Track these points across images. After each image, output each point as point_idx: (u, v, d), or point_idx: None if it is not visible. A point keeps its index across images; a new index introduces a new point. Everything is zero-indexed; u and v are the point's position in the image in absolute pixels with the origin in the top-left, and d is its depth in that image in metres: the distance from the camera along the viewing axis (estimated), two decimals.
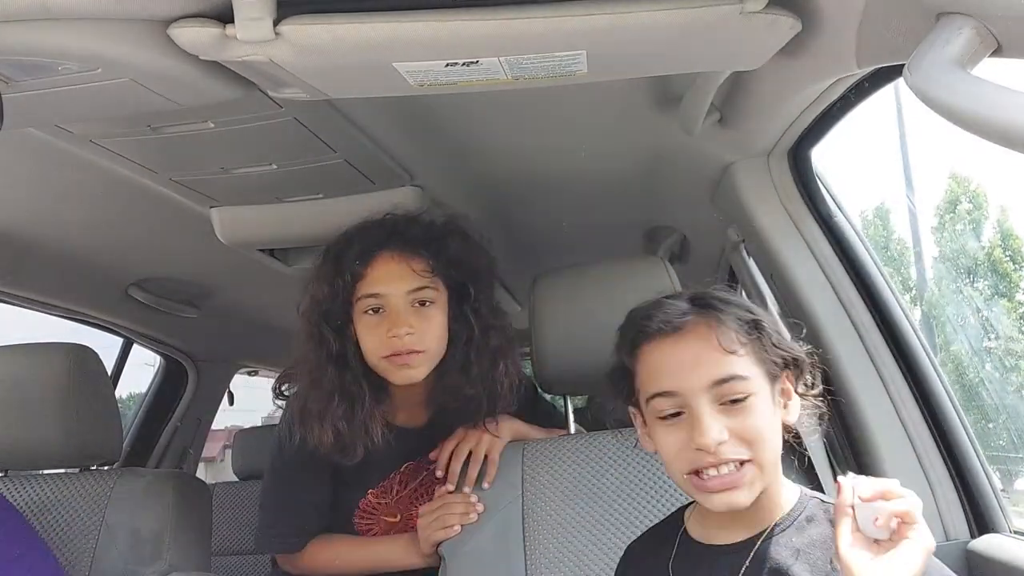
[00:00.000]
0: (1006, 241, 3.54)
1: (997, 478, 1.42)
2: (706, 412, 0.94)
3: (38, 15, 0.83)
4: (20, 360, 1.58)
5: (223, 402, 3.40)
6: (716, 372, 0.95)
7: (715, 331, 0.97)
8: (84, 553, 1.48)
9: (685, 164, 1.70)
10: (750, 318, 0.99)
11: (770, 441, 0.95)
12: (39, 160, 1.42)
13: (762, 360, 0.98)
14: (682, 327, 0.98)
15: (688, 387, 0.95)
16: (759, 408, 0.95)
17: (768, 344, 0.98)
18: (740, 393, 0.95)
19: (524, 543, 1.38)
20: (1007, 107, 0.60)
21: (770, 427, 0.96)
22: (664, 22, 0.89)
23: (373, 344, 1.37)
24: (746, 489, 0.94)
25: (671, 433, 0.97)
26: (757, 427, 0.94)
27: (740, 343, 0.97)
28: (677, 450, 0.96)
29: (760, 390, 0.96)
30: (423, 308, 1.38)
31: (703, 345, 0.97)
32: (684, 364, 0.97)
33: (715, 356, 0.96)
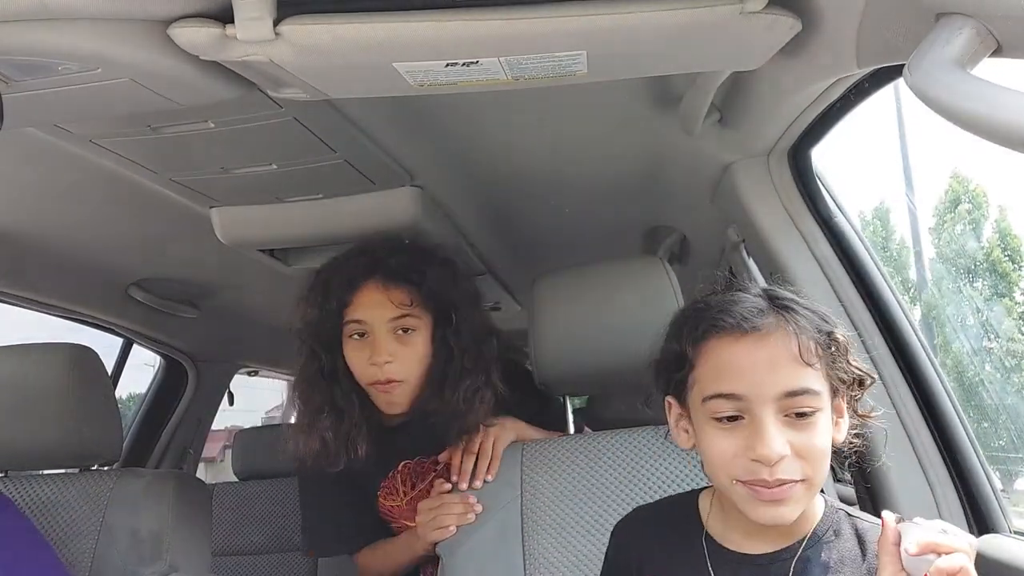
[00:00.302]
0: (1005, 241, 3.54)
1: (997, 478, 1.42)
2: (771, 422, 0.89)
3: (38, 15, 0.83)
4: (20, 360, 1.58)
5: (223, 402, 3.40)
6: (791, 383, 0.90)
7: (796, 339, 0.91)
8: (84, 553, 1.48)
9: (685, 164, 1.70)
10: (827, 329, 0.94)
11: (826, 460, 0.91)
12: (39, 160, 1.42)
13: (829, 375, 0.93)
14: (761, 328, 0.92)
15: (757, 393, 0.90)
16: (822, 425, 0.91)
17: (840, 360, 0.93)
18: (809, 408, 0.90)
19: (523, 543, 1.38)
20: (1007, 107, 0.60)
21: (827, 447, 0.92)
22: (664, 22, 0.89)
23: (358, 368, 1.46)
24: (794, 505, 0.91)
25: (726, 437, 0.92)
26: (818, 445, 0.90)
27: (817, 356, 0.91)
28: (731, 456, 0.91)
29: (825, 407, 0.92)
30: (404, 335, 1.45)
31: (781, 352, 0.91)
32: (758, 368, 0.90)
33: (792, 365, 0.90)
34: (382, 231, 1.84)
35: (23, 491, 1.56)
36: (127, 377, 2.90)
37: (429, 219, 1.81)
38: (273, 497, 2.86)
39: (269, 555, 2.82)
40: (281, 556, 2.81)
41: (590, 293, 1.49)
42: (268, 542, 2.82)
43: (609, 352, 1.45)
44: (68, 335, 2.24)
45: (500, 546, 1.38)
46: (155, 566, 1.47)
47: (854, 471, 1.47)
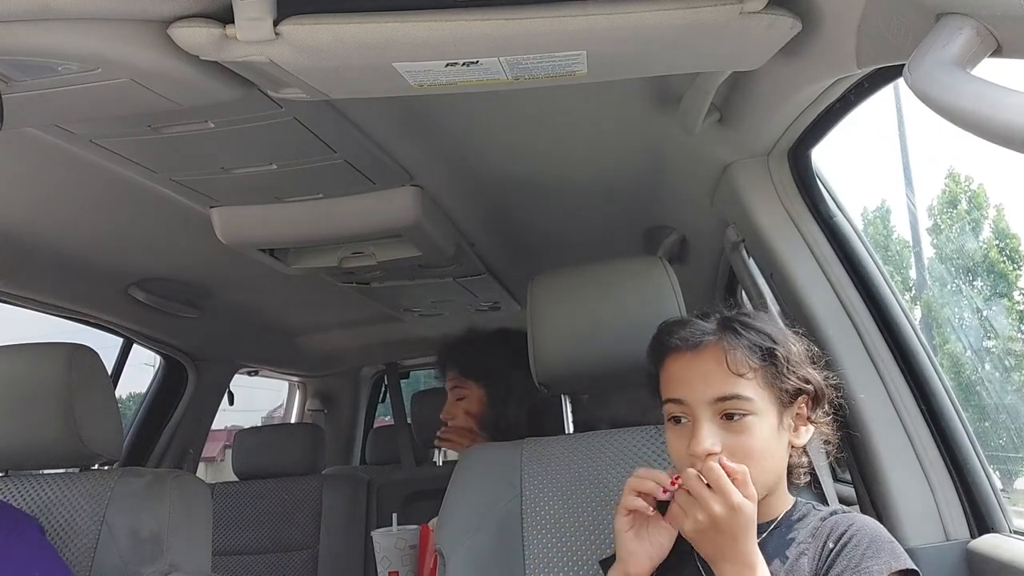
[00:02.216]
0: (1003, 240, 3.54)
1: (997, 478, 1.42)
2: (704, 424, 1.05)
3: (38, 15, 0.83)
4: (20, 360, 1.58)
5: (223, 402, 3.40)
6: (720, 390, 1.06)
7: (727, 353, 1.06)
8: (84, 553, 1.48)
9: (685, 164, 1.70)
10: (766, 346, 1.08)
11: (763, 460, 1.05)
12: (39, 160, 1.42)
13: (771, 385, 1.07)
14: (699, 345, 1.09)
15: (694, 399, 1.07)
16: (757, 429, 1.05)
17: (780, 372, 1.07)
18: (739, 411, 1.05)
19: (523, 542, 1.38)
20: (1007, 107, 0.60)
21: (766, 447, 1.06)
22: (664, 22, 0.89)
23: None
24: None
25: (676, 436, 1.09)
26: (750, 446, 1.04)
27: (750, 367, 1.06)
28: (681, 452, 1.07)
29: (763, 412, 1.06)
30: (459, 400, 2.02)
31: (714, 365, 1.07)
32: (694, 378, 1.08)
33: (722, 375, 1.06)
34: (382, 231, 1.84)
35: (23, 491, 1.56)
36: (127, 377, 2.90)
37: (429, 219, 1.81)
38: (273, 497, 2.86)
39: (269, 555, 2.82)
40: (281, 556, 2.81)
41: (589, 292, 1.49)
42: (268, 542, 2.82)
43: (609, 352, 1.45)
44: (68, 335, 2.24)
45: (500, 545, 1.38)
46: (155, 566, 1.47)
47: (854, 472, 1.47)
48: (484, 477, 1.46)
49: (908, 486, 1.33)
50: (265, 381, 4.06)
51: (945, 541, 1.30)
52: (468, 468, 1.49)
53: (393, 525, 1.87)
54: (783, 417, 1.08)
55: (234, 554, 2.81)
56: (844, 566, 1.01)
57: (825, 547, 1.05)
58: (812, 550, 1.05)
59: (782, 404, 1.08)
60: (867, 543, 1.02)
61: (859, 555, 1.01)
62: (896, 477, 1.34)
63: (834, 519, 1.09)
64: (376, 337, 3.42)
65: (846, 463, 1.53)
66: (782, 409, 1.08)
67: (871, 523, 1.07)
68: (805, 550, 1.06)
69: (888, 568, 1.00)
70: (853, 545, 1.02)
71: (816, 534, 1.07)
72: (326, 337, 3.38)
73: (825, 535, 1.06)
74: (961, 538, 1.31)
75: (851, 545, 1.02)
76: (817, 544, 1.06)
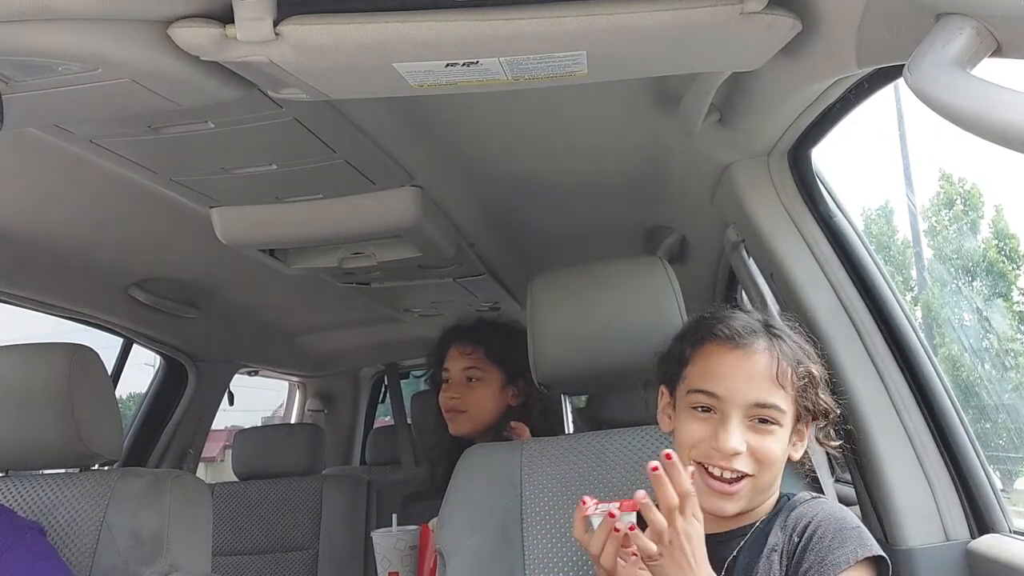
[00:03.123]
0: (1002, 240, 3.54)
1: (997, 478, 1.42)
2: (736, 423, 1.06)
3: (38, 15, 0.83)
4: (20, 360, 1.58)
5: (223, 402, 3.40)
6: (762, 396, 1.07)
7: (776, 363, 1.08)
8: (84, 553, 1.48)
9: (685, 164, 1.70)
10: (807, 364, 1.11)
11: (774, 467, 1.08)
12: (39, 160, 1.42)
13: (797, 402, 1.10)
14: (750, 344, 1.09)
15: (732, 397, 1.07)
16: (779, 437, 1.08)
17: (811, 392, 1.10)
18: (771, 418, 1.07)
19: (523, 542, 1.38)
20: (1007, 107, 0.60)
21: (780, 456, 1.08)
22: (664, 22, 0.89)
23: (440, 400, 1.94)
24: (736, 501, 1.07)
25: (698, 424, 1.09)
26: (771, 452, 1.07)
27: (791, 381, 1.08)
28: (697, 439, 1.08)
29: (786, 424, 1.09)
30: (471, 382, 1.90)
31: (761, 369, 1.08)
32: (738, 377, 1.08)
33: (767, 382, 1.07)
34: (382, 231, 1.84)
35: (23, 491, 1.56)
36: (127, 377, 2.90)
37: (429, 219, 1.81)
38: (273, 497, 2.86)
39: (269, 555, 2.82)
40: (281, 556, 2.81)
41: (589, 292, 1.49)
42: (268, 542, 2.82)
43: (609, 352, 1.45)
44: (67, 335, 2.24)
45: (500, 545, 1.38)
46: (155, 566, 1.47)
47: (854, 472, 1.47)
48: (484, 477, 1.46)
49: (908, 486, 1.33)
50: (265, 381, 4.06)
51: (945, 541, 1.30)
52: (468, 468, 1.49)
53: (393, 525, 1.87)
54: (790, 433, 1.11)
55: (234, 554, 2.81)
56: (812, 561, 1.02)
57: (791, 541, 1.07)
58: (782, 545, 1.07)
59: (797, 419, 1.11)
60: (832, 534, 1.04)
61: (825, 547, 1.03)
62: (896, 477, 1.34)
63: (800, 510, 1.10)
64: (376, 337, 3.42)
65: (846, 463, 1.53)
66: (794, 424, 1.11)
67: (836, 511, 1.09)
68: (775, 546, 1.07)
69: (855, 557, 1.01)
70: (819, 537, 1.04)
71: (784, 527, 1.09)
72: (326, 337, 3.38)
73: (791, 528, 1.08)
74: (961, 538, 1.31)
75: (816, 538, 1.04)
76: (784, 537, 1.07)
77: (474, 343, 1.93)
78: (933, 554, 1.29)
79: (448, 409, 1.91)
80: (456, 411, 1.90)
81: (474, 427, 1.90)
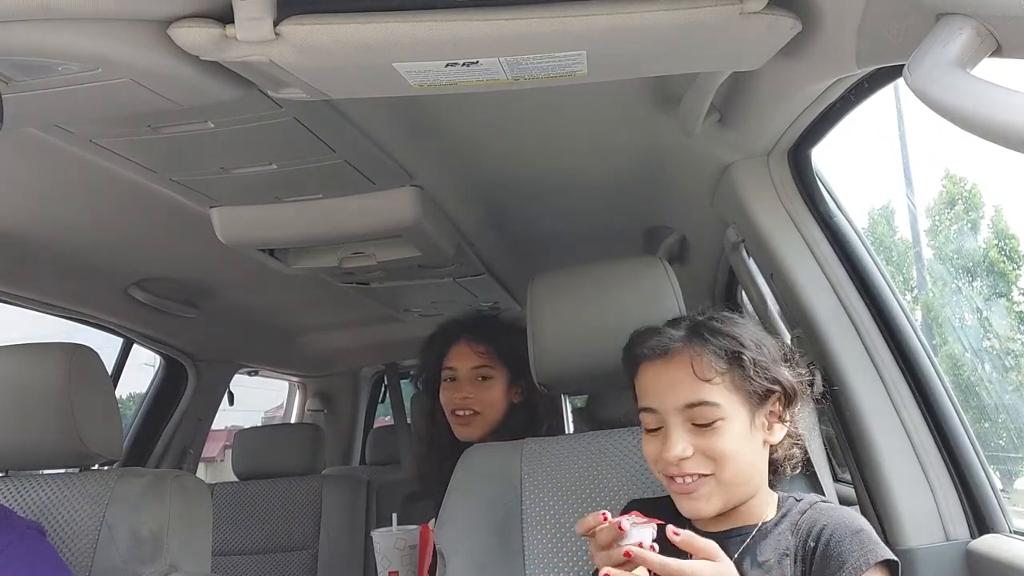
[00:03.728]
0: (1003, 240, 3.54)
1: (997, 478, 1.42)
2: (676, 430, 1.08)
3: (38, 15, 0.83)
4: (20, 360, 1.58)
5: (223, 402, 3.40)
6: (688, 396, 1.08)
7: (694, 360, 1.08)
8: (84, 553, 1.48)
9: (685, 164, 1.70)
10: (732, 349, 1.08)
11: (735, 461, 1.07)
12: (39, 160, 1.42)
13: (740, 388, 1.08)
14: (668, 353, 1.11)
15: (664, 407, 1.09)
16: (727, 431, 1.07)
17: (748, 375, 1.08)
18: (708, 418, 1.07)
19: (523, 542, 1.38)
20: (1007, 107, 0.60)
21: (738, 448, 1.07)
22: (664, 22, 0.89)
23: (445, 400, 1.83)
24: (705, 500, 1.08)
25: (651, 442, 1.12)
26: (721, 448, 1.06)
27: (717, 372, 1.08)
28: (654, 457, 1.11)
29: (733, 415, 1.08)
30: (482, 381, 1.82)
31: (682, 372, 1.09)
32: (662, 387, 1.10)
33: (689, 382, 1.08)
34: (382, 231, 1.84)
35: (23, 491, 1.56)
36: (127, 377, 2.91)
37: (429, 219, 1.81)
38: (273, 497, 2.87)
39: (269, 555, 2.82)
40: (281, 556, 2.81)
41: (589, 292, 1.49)
42: (268, 542, 2.82)
43: (608, 352, 1.44)
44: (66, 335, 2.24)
45: (500, 545, 1.38)
46: (155, 566, 1.47)
47: (854, 472, 1.47)
48: (484, 477, 1.46)
49: (908, 486, 1.33)
50: (265, 381, 4.06)
51: (945, 541, 1.30)
52: (468, 468, 1.49)
53: (393, 525, 1.87)
54: (755, 416, 1.10)
55: (234, 554, 2.81)
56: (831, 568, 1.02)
57: (806, 546, 1.06)
58: (794, 549, 1.06)
59: (753, 404, 1.09)
60: (849, 538, 1.03)
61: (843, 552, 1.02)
62: (896, 477, 1.34)
63: (811, 513, 1.09)
64: (376, 337, 3.42)
65: (846, 463, 1.53)
66: (754, 409, 1.10)
67: (848, 517, 1.08)
68: (787, 550, 1.06)
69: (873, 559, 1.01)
70: (836, 543, 1.03)
71: (796, 531, 1.08)
72: (326, 337, 3.38)
73: (805, 533, 1.07)
74: (961, 538, 1.31)
75: (833, 543, 1.03)
76: (798, 542, 1.07)
77: (486, 340, 1.83)
78: (933, 554, 1.29)
79: (458, 408, 1.80)
80: (469, 411, 1.79)
81: (485, 429, 1.80)
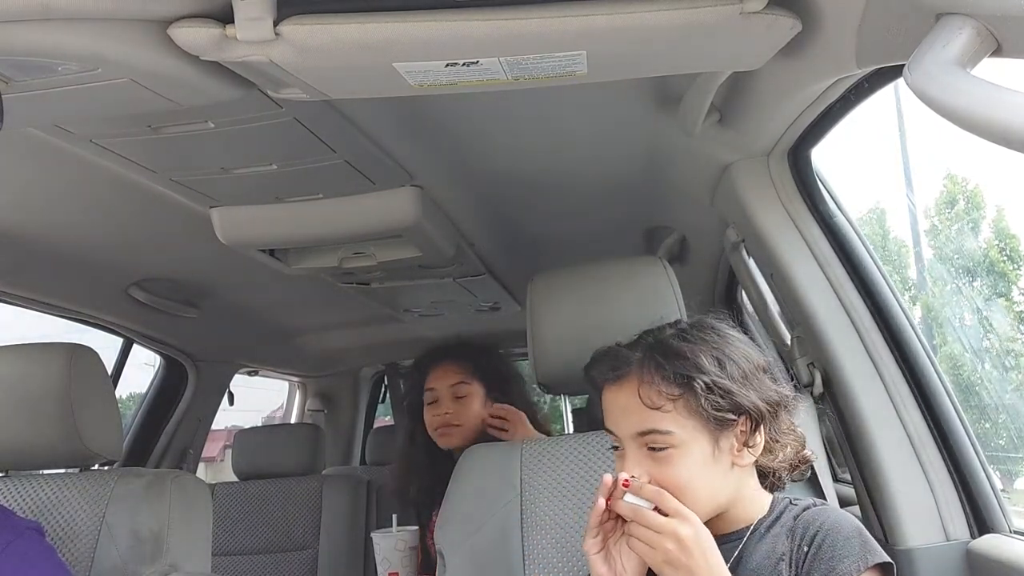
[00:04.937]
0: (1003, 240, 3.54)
1: (997, 478, 1.42)
2: (631, 457, 1.04)
3: (38, 15, 0.83)
4: (20, 360, 1.58)
5: (223, 402, 3.40)
6: (638, 424, 1.03)
7: (641, 387, 1.03)
8: (84, 553, 1.48)
9: (685, 164, 1.70)
10: (684, 374, 1.02)
11: (691, 489, 1.01)
12: (39, 160, 1.42)
13: (697, 413, 1.01)
14: (620, 378, 1.07)
15: (620, 432, 1.06)
16: (682, 460, 1.02)
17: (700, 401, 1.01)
18: (661, 444, 1.02)
19: (522, 542, 1.38)
20: (1007, 107, 0.60)
21: (694, 477, 1.02)
22: (664, 22, 0.89)
23: (428, 421, 1.97)
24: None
25: (617, 462, 1.09)
26: (676, 477, 1.01)
27: (668, 398, 1.02)
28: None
29: (690, 441, 1.02)
30: (459, 399, 1.95)
31: (632, 399, 1.04)
32: (616, 412, 1.07)
33: (639, 410, 1.03)
34: (382, 231, 1.84)
35: (23, 491, 1.56)
36: (127, 377, 2.91)
37: (429, 219, 1.81)
38: (273, 497, 2.86)
39: (269, 555, 2.82)
40: (281, 556, 2.81)
41: (589, 292, 1.49)
42: (268, 542, 2.82)
43: None
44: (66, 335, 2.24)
45: (500, 545, 1.38)
46: (155, 566, 1.47)
47: (854, 472, 1.47)
48: (484, 477, 1.46)
49: (908, 486, 1.33)
50: (265, 381, 4.06)
51: (945, 541, 1.31)
52: (468, 468, 1.49)
53: (393, 526, 1.87)
54: (720, 440, 1.03)
55: (234, 554, 2.81)
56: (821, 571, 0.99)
57: (800, 550, 1.03)
58: (789, 553, 1.04)
59: (715, 429, 1.02)
60: (841, 542, 1.00)
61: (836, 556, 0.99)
62: (896, 477, 1.34)
63: (806, 516, 1.06)
64: (376, 337, 3.42)
65: (846, 463, 1.53)
66: (717, 433, 1.03)
67: (842, 520, 1.05)
68: (783, 554, 1.03)
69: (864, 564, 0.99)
70: (828, 547, 1.00)
71: (791, 535, 1.05)
72: (326, 337, 3.38)
73: (800, 536, 1.04)
74: (961, 538, 1.31)
75: (826, 547, 1.01)
76: (792, 546, 1.04)
77: (461, 360, 2.01)
78: (933, 554, 1.29)
79: (441, 425, 1.94)
80: (450, 425, 1.93)
81: (465, 438, 1.92)
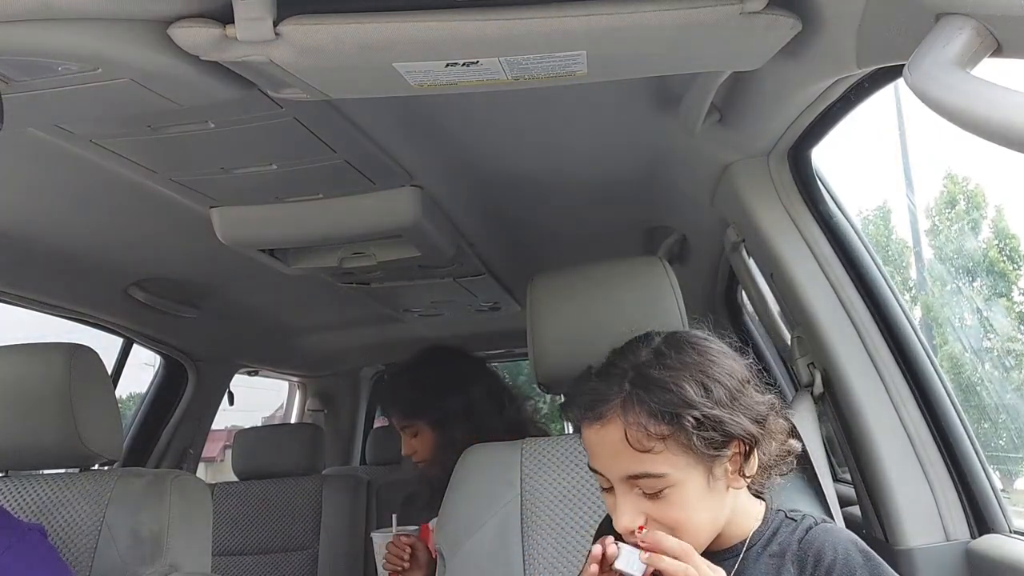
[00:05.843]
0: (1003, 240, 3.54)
1: (997, 478, 1.42)
2: (623, 501, 0.97)
3: (39, 15, 0.83)
4: (20, 360, 1.58)
5: (223, 402, 3.40)
6: (629, 468, 0.96)
7: (628, 429, 0.95)
8: (84, 553, 1.48)
9: (685, 164, 1.70)
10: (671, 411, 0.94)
11: (691, 523, 0.96)
12: (39, 160, 1.42)
13: (688, 448, 0.94)
14: (602, 415, 0.98)
15: (609, 474, 0.99)
16: (678, 498, 0.95)
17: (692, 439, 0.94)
18: (654, 487, 0.95)
19: (522, 542, 1.38)
20: (1007, 107, 0.60)
21: (693, 510, 0.96)
22: (664, 22, 0.89)
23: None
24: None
25: (607, 499, 1.01)
26: (674, 516, 0.95)
27: (657, 437, 0.94)
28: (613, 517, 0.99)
29: (684, 479, 0.95)
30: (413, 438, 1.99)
31: (618, 441, 0.96)
32: (604, 454, 0.99)
33: (628, 453, 0.95)
34: (382, 231, 1.84)
35: (23, 491, 1.56)
36: (127, 377, 2.91)
37: (429, 219, 1.81)
38: (273, 497, 2.87)
39: (269, 555, 2.82)
40: (281, 556, 2.82)
41: (589, 292, 1.49)
42: (268, 542, 2.82)
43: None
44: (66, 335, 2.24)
45: (500, 546, 1.38)
46: (155, 566, 1.47)
47: (854, 472, 1.47)
48: (484, 477, 1.46)
49: (908, 486, 1.33)
50: (265, 381, 4.06)
51: (945, 541, 1.31)
52: (468, 468, 1.49)
53: (393, 525, 1.87)
54: (714, 469, 0.97)
55: (234, 554, 2.81)
56: None
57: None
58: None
59: (708, 460, 0.96)
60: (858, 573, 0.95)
61: None
62: (896, 477, 1.34)
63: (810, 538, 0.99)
64: (376, 337, 3.42)
65: (846, 462, 1.53)
66: (711, 464, 0.96)
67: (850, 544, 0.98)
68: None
69: None
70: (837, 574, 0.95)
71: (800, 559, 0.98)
72: (326, 337, 3.38)
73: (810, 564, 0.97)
74: (961, 538, 1.31)
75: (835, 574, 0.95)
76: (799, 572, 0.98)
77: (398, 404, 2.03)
78: (933, 554, 1.29)
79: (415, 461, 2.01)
80: (421, 460, 1.98)
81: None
